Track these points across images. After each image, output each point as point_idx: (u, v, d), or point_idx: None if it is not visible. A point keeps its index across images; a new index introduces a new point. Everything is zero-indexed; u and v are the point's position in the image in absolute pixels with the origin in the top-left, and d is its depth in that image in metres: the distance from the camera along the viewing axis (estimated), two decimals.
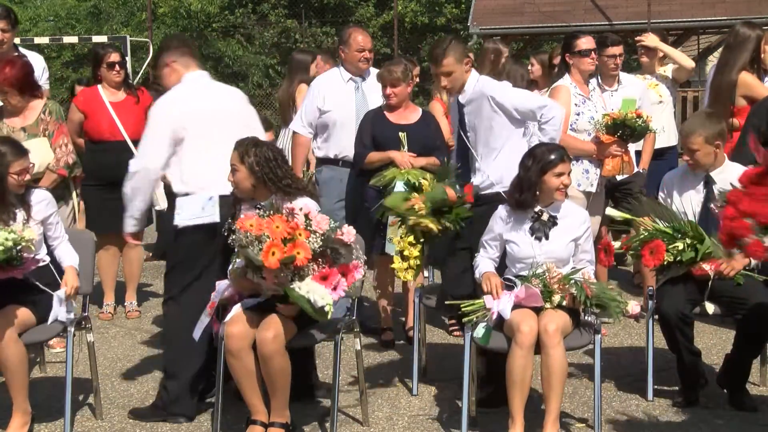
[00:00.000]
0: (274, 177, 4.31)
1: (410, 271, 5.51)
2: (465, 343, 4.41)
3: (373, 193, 5.61)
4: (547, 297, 4.31)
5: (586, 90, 5.94)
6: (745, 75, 6.03)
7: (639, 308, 4.51)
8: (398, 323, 6.13)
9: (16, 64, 5.72)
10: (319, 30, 19.82)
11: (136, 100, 6.63)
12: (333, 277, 4.11)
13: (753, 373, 4.90)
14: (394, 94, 5.72)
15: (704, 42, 18.09)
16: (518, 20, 15.24)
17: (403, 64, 5.83)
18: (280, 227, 4.00)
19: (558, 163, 4.45)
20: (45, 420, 4.64)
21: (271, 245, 3.96)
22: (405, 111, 5.81)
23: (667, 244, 4.57)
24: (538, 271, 4.38)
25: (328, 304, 4.07)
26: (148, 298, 7.30)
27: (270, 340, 4.10)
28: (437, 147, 5.75)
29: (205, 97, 4.83)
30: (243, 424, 4.38)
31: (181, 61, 4.90)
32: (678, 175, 5.00)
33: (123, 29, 19.46)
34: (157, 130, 4.74)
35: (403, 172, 5.52)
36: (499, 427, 4.51)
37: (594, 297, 4.31)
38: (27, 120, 5.75)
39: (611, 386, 5.07)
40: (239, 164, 4.33)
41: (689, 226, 4.61)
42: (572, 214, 4.59)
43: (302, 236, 4.01)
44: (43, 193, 4.66)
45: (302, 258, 3.99)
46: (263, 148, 4.36)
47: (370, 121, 5.79)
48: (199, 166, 4.66)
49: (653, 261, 4.59)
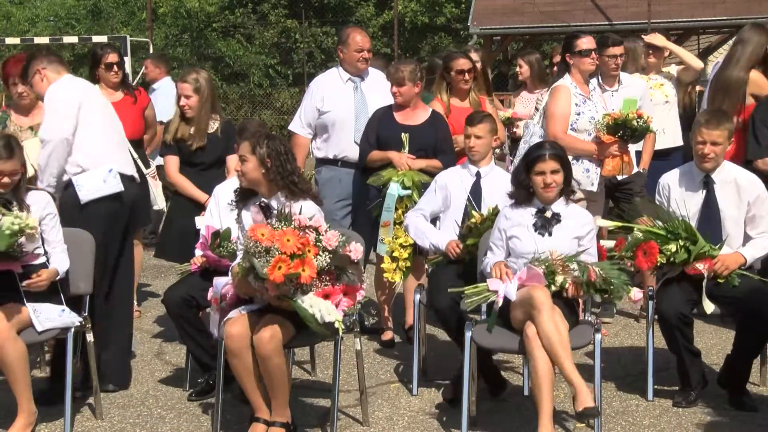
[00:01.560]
0: (282, 171, 4.32)
1: (398, 272, 5.57)
2: (465, 343, 4.40)
3: (374, 191, 5.63)
4: (550, 278, 4.31)
5: (586, 90, 5.94)
6: (755, 73, 5.99)
7: (641, 294, 4.50)
8: (398, 323, 6.13)
9: (24, 59, 5.86)
10: (319, 30, 19.82)
11: (134, 101, 6.63)
12: (335, 296, 4.09)
13: (753, 373, 4.90)
14: (400, 93, 5.72)
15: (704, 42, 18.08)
16: (518, 20, 15.24)
17: (413, 64, 5.81)
18: (291, 242, 3.96)
19: (537, 162, 4.48)
20: (45, 420, 4.64)
21: (278, 260, 3.93)
22: (413, 111, 5.79)
23: (660, 245, 4.59)
24: (541, 257, 4.40)
25: (338, 320, 4.06)
26: (148, 298, 7.29)
27: (267, 340, 4.09)
28: (442, 150, 5.70)
29: (89, 87, 5.31)
30: (243, 424, 4.38)
31: (51, 67, 5.12)
32: (676, 176, 4.99)
33: (123, 29, 19.46)
34: (64, 103, 5.00)
35: (399, 173, 5.52)
36: (499, 427, 4.51)
37: (599, 279, 4.31)
38: (35, 119, 5.84)
39: (611, 386, 5.06)
40: (250, 155, 4.33)
41: (683, 225, 4.63)
42: (577, 215, 4.61)
43: (311, 253, 3.98)
44: (43, 194, 4.66)
45: (306, 276, 3.96)
46: (276, 141, 4.38)
47: (378, 119, 5.79)
48: (97, 146, 5.06)
49: (646, 263, 4.62)
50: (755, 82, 5.98)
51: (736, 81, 5.96)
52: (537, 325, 4.15)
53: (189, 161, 5.79)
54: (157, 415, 4.79)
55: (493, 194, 5.05)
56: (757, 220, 4.84)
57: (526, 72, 8.12)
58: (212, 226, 4.97)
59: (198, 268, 4.94)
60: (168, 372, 5.47)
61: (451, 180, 5.21)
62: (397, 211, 5.53)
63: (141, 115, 6.67)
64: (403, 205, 5.53)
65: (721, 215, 4.83)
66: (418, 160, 5.61)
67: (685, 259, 4.60)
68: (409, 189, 5.49)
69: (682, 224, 4.67)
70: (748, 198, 4.84)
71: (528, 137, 5.95)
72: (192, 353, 5.06)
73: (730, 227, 4.83)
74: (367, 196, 5.71)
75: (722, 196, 4.85)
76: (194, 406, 4.89)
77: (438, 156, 5.68)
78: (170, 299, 4.92)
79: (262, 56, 19.57)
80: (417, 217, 5.20)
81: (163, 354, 5.83)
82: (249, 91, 19.19)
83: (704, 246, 4.61)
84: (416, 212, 5.23)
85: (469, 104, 6.04)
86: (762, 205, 4.83)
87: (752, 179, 4.92)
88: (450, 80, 6.01)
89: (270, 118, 18.18)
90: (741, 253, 4.76)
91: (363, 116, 6.03)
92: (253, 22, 20.07)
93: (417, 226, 5.16)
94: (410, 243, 5.50)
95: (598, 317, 4.70)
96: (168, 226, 5.94)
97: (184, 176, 5.78)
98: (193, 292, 4.86)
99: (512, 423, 4.57)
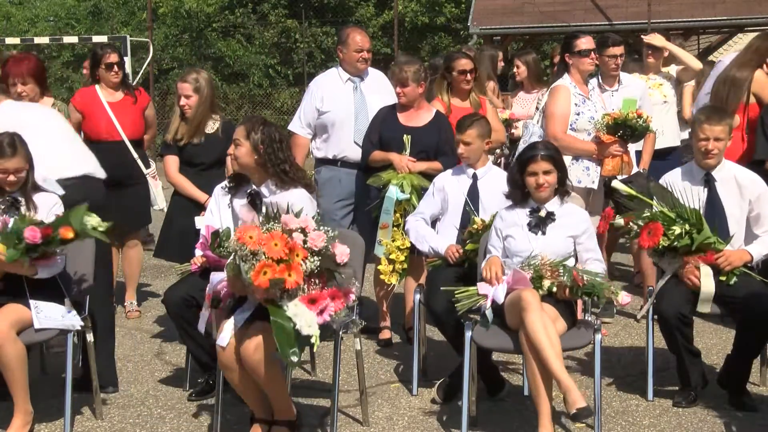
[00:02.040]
0: (274, 159, 4.33)
1: (395, 274, 5.58)
2: (465, 343, 4.40)
3: (375, 191, 5.63)
4: (537, 283, 4.32)
5: (585, 90, 5.94)
6: (760, 72, 5.97)
7: (629, 298, 4.49)
8: (398, 323, 6.13)
9: (32, 58, 6.00)
10: (319, 30, 19.78)
11: (134, 101, 6.63)
12: (321, 301, 3.99)
13: (753, 373, 4.90)
14: (403, 93, 5.72)
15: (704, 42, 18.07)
16: (518, 20, 15.22)
17: (417, 64, 5.78)
18: (278, 246, 3.90)
19: (530, 163, 4.49)
20: (45, 420, 4.64)
21: (263, 265, 3.87)
22: (417, 112, 5.78)
23: (666, 227, 4.57)
24: (532, 261, 4.41)
25: (315, 335, 3.94)
26: (148, 298, 7.29)
27: (252, 352, 4.04)
28: (443, 152, 5.69)
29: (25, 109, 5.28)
30: (243, 424, 4.38)
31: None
32: (677, 175, 4.99)
33: (123, 29, 19.44)
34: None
35: (399, 176, 5.52)
36: (499, 427, 4.51)
37: (585, 286, 4.31)
38: None
39: (611, 386, 5.06)
40: (244, 139, 4.36)
41: (693, 214, 4.61)
42: (572, 214, 4.62)
43: (299, 257, 3.91)
44: (51, 196, 4.66)
45: (292, 281, 3.89)
46: (271, 128, 4.41)
47: (381, 119, 5.79)
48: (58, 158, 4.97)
49: (649, 241, 4.61)
50: (758, 81, 5.96)
51: (741, 79, 5.94)
52: (525, 326, 4.16)
53: (189, 161, 5.80)
54: (157, 415, 4.79)
55: (491, 195, 5.05)
56: (762, 218, 4.83)
57: (523, 72, 8.13)
58: (212, 225, 4.97)
59: (198, 268, 4.94)
60: (168, 372, 5.47)
61: (449, 182, 5.21)
62: (396, 214, 5.54)
63: (141, 115, 6.67)
64: (401, 208, 5.53)
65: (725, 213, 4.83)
66: (418, 162, 5.60)
67: (687, 245, 4.58)
68: (407, 193, 5.49)
69: (693, 213, 4.65)
70: (750, 196, 4.84)
71: (527, 137, 5.96)
72: (192, 353, 5.06)
73: (732, 226, 4.83)
74: (368, 196, 5.72)
75: (724, 193, 4.85)
76: (194, 406, 4.89)
77: (439, 158, 5.67)
78: (170, 299, 4.92)
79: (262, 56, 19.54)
80: (417, 221, 5.20)
81: (163, 354, 5.83)
82: (249, 91, 19.15)
83: (709, 236, 4.60)
84: (416, 216, 5.24)
85: (470, 104, 6.05)
86: (766, 203, 4.83)
87: (753, 178, 4.92)
88: (451, 80, 6.01)
89: (270, 118, 18.05)
90: (747, 250, 4.75)
91: (362, 116, 6.03)
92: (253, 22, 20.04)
93: (417, 230, 5.17)
94: (407, 246, 5.51)
95: (598, 317, 4.69)
96: (167, 226, 5.94)
97: (184, 176, 5.79)
98: (193, 292, 4.86)
99: (512, 423, 4.57)
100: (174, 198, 5.96)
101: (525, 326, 4.16)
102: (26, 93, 5.79)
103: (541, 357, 4.09)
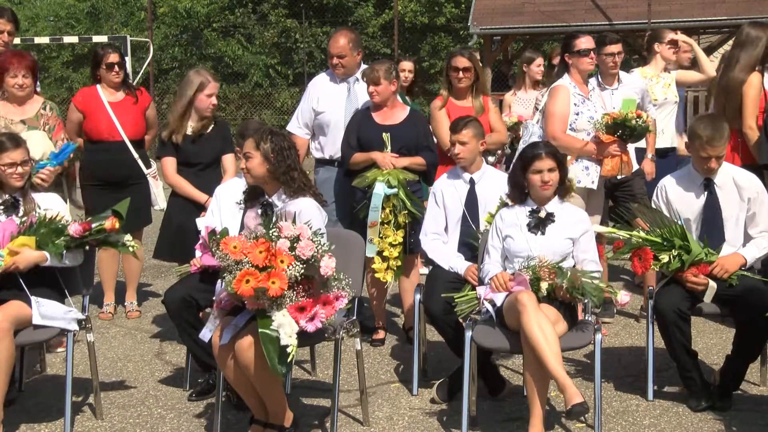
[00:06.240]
0: (285, 167, 4.32)
1: (390, 272, 5.58)
2: (465, 343, 4.41)
3: (360, 193, 5.63)
4: (535, 285, 4.32)
5: (585, 90, 5.94)
6: (756, 76, 5.94)
7: (628, 297, 4.50)
8: (397, 323, 6.13)
9: (31, 55, 6.10)
10: (319, 30, 19.78)
11: (135, 101, 6.63)
12: (310, 309, 3.94)
13: (753, 373, 4.90)
14: (377, 92, 5.73)
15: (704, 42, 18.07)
16: (518, 20, 15.25)
17: (387, 63, 5.85)
18: (262, 253, 3.86)
19: (534, 161, 4.49)
20: (45, 420, 4.64)
21: (245, 273, 3.83)
22: (391, 111, 5.81)
23: (655, 252, 4.60)
24: (531, 263, 4.41)
25: (292, 346, 3.87)
26: (148, 298, 7.30)
27: (245, 349, 4.04)
28: (423, 147, 5.73)
29: None
30: (243, 424, 4.39)
31: None
32: (676, 179, 4.98)
33: (123, 29, 19.44)
34: None
35: (384, 173, 5.53)
36: (499, 427, 4.51)
37: (581, 287, 4.32)
38: (26, 113, 5.88)
39: (611, 386, 5.06)
40: (254, 150, 4.34)
41: (679, 231, 4.62)
42: (571, 214, 4.62)
43: (284, 263, 3.86)
44: (56, 197, 4.67)
45: (276, 288, 3.85)
46: (279, 136, 4.39)
47: (357, 121, 5.81)
48: None
49: (641, 267, 4.63)
50: (751, 85, 5.94)
51: (737, 83, 5.93)
52: (522, 326, 4.16)
53: (186, 162, 5.81)
54: (157, 415, 4.79)
55: (489, 198, 5.04)
56: (757, 218, 4.84)
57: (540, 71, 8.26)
58: (212, 226, 4.97)
59: (197, 269, 4.94)
60: (168, 372, 5.48)
61: (447, 189, 5.18)
62: (385, 210, 5.54)
63: (142, 114, 6.67)
64: (390, 203, 5.54)
65: (723, 216, 4.83)
66: (401, 158, 5.63)
67: (678, 269, 4.62)
68: (394, 187, 5.51)
69: (677, 230, 4.65)
70: (749, 195, 4.84)
71: (527, 137, 5.96)
72: (192, 353, 5.06)
73: (731, 228, 4.83)
74: (354, 199, 5.72)
75: (724, 197, 4.84)
76: (194, 406, 4.89)
77: (420, 153, 5.70)
78: (170, 299, 4.92)
79: (262, 56, 19.55)
80: (433, 241, 5.14)
81: (163, 354, 5.84)
82: (249, 91, 19.16)
83: (699, 253, 4.61)
84: (429, 236, 5.16)
85: (471, 105, 6.07)
86: (761, 204, 4.84)
87: (751, 178, 4.92)
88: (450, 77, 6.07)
89: (270, 118, 18.17)
90: (741, 254, 4.75)
91: None
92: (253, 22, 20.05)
93: (436, 251, 5.11)
94: (399, 242, 5.52)
95: (598, 317, 4.69)
96: (166, 226, 5.94)
97: (183, 177, 5.80)
98: (193, 292, 4.86)
99: (512, 423, 4.58)
100: (172, 198, 5.96)
101: (522, 327, 4.17)
102: (26, 86, 5.82)
103: (538, 356, 4.10)
